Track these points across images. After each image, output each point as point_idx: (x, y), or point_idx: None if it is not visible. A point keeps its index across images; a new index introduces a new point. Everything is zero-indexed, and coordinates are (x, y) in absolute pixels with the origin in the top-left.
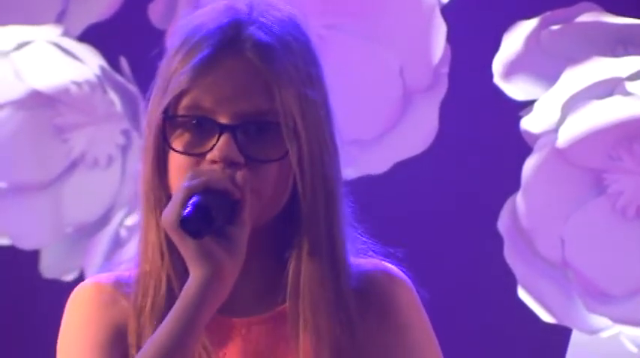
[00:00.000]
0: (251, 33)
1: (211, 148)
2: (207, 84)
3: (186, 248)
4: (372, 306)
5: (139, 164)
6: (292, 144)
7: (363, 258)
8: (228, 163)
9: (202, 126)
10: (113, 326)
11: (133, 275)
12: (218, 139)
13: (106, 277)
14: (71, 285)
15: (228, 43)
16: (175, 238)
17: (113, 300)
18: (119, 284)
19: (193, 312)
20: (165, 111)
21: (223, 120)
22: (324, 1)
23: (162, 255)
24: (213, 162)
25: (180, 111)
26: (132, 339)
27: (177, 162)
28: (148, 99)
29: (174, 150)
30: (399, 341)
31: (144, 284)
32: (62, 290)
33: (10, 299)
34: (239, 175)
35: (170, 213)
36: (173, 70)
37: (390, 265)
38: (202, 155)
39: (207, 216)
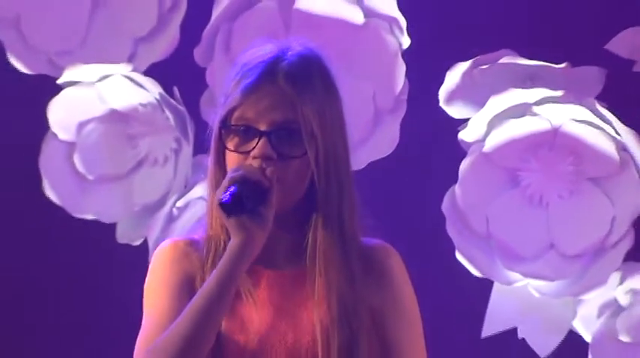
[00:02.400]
0: (282, 67)
1: (254, 148)
2: (250, 102)
3: (227, 222)
4: (373, 271)
5: (207, 159)
6: (310, 145)
7: (370, 236)
8: (265, 158)
9: (247, 132)
10: (185, 273)
11: (201, 238)
12: (258, 141)
13: (182, 238)
14: (138, 248)
15: (266, 74)
16: (220, 214)
17: (186, 255)
18: (191, 244)
19: (231, 266)
20: (222, 122)
21: (262, 127)
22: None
23: (222, 225)
24: (255, 157)
25: (233, 122)
26: (198, 285)
27: (230, 158)
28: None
29: (228, 149)
30: (391, 298)
31: (208, 245)
32: (131, 252)
33: (94, 258)
34: (269, 171)
35: (217, 195)
36: (229, 93)
37: (388, 244)
38: (248, 153)
39: (239, 203)
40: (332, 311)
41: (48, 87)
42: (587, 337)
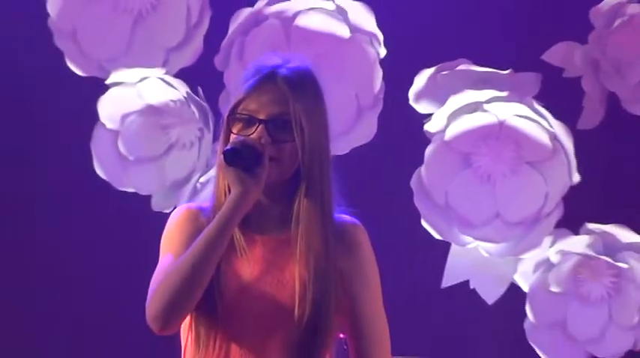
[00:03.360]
0: (281, 72)
1: (253, 132)
2: (253, 97)
3: (229, 175)
4: (344, 242)
5: (206, 142)
6: (299, 134)
7: (344, 213)
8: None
9: (249, 121)
10: (192, 231)
11: (210, 205)
12: (257, 127)
13: (194, 205)
14: (168, 215)
15: (268, 76)
16: (223, 171)
17: (195, 218)
18: (200, 210)
19: (229, 214)
20: (230, 111)
21: (261, 117)
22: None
23: (225, 194)
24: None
25: (238, 111)
26: None
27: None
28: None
29: (232, 133)
30: (357, 264)
31: (213, 212)
32: (163, 218)
33: (133, 222)
34: (263, 140)
35: (220, 151)
36: (235, 91)
37: (359, 222)
38: (248, 136)
39: (238, 153)
40: (309, 269)
41: (98, 86)
42: (525, 288)
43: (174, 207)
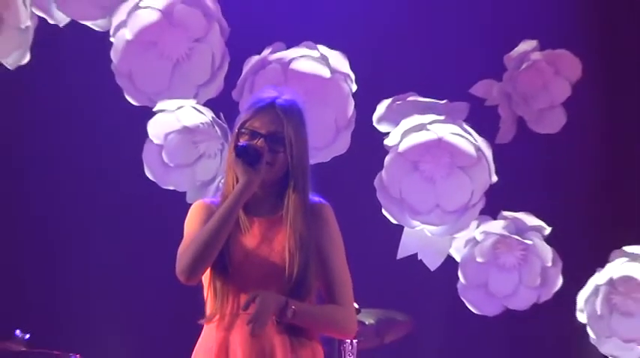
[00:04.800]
0: (279, 101)
1: (256, 142)
2: (258, 117)
3: (238, 168)
4: (317, 218)
5: (226, 152)
6: (289, 146)
7: (315, 196)
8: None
9: (253, 134)
10: (207, 217)
11: (220, 195)
12: (258, 140)
13: (207, 199)
14: None
15: (269, 104)
16: (234, 163)
17: (208, 207)
18: (212, 202)
19: (236, 198)
20: (239, 127)
21: (262, 132)
22: (295, 89)
23: (232, 186)
24: None
25: (245, 127)
26: None
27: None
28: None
29: (240, 143)
30: (327, 235)
31: (223, 197)
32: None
33: (174, 210)
34: (261, 145)
35: (231, 150)
36: (243, 113)
37: (326, 202)
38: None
39: (245, 150)
40: (295, 242)
41: (147, 113)
42: (458, 259)
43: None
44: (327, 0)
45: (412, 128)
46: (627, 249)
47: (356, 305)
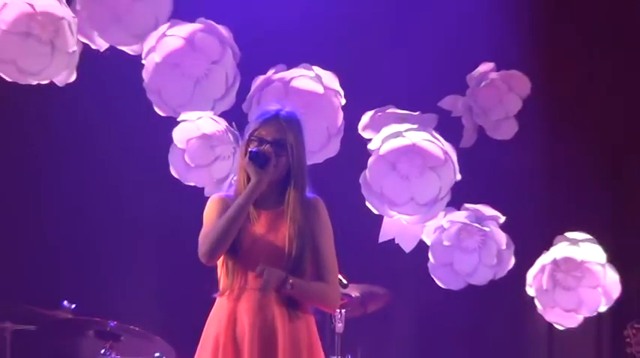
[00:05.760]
0: (282, 113)
1: (264, 148)
2: (265, 127)
3: (250, 169)
4: (312, 211)
5: (238, 155)
6: (290, 151)
7: (312, 193)
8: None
9: (261, 141)
10: (223, 208)
11: (233, 192)
12: (265, 146)
13: (222, 193)
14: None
15: (274, 115)
16: (246, 166)
17: (223, 201)
18: (227, 197)
19: (249, 194)
20: (249, 135)
21: (269, 139)
22: (294, 103)
23: (244, 184)
24: None
25: (254, 135)
26: None
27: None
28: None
29: (250, 148)
30: (318, 225)
31: (236, 193)
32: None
33: (194, 202)
34: (269, 151)
35: (245, 153)
36: (252, 123)
37: (319, 197)
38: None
39: (257, 155)
40: (294, 231)
41: (173, 122)
42: (429, 243)
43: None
44: (320, 28)
45: (390, 135)
46: (568, 234)
47: (345, 281)
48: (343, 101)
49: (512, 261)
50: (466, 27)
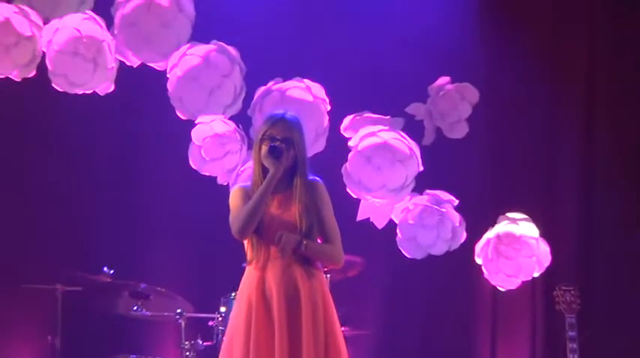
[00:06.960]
0: (287, 116)
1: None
2: (274, 128)
3: (267, 162)
4: (315, 191)
5: (251, 151)
6: (296, 146)
7: (314, 175)
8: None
9: (272, 139)
10: (245, 196)
11: (250, 183)
12: (277, 143)
13: (243, 184)
14: (226, 186)
15: (281, 118)
16: (264, 158)
17: (245, 190)
18: (246, 187)
19: (269, 183)
20: (262, 135)
21: (279, 137)
22: (286, 108)
23: (259, 176)
24: None
25: (266, 135)
26: None
27: (262, 150)
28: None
29: (263, 146)
30: (320, 202)
31: (254, 184)
32: (223, 188)
33: (208, 189)
34: (282, 146)
35: (263, 153)
36: (263, 125)
37: (320, 179)
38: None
39: (274, 149)
40: (302, 209)
41: (191, 124)
42: (397, 221)
43: (228, 184)
44: (310, 47)
45: (366, 134)
46: (509, 214)
47: None
48: (328, 107)
49: (464, 235)
50: (428, 46)
